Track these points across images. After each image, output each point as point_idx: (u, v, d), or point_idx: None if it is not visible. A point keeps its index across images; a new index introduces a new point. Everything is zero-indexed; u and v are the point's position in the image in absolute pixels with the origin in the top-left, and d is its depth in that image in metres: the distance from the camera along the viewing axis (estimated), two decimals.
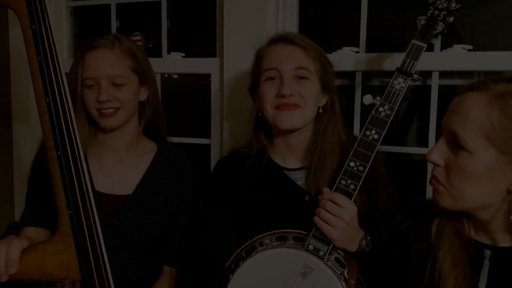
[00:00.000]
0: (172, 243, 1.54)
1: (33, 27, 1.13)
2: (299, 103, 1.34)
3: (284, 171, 1.43)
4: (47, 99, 1.11)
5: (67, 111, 1.13)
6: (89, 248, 1.12)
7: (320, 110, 1.41)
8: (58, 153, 1.11)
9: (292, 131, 1.38)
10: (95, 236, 1.13)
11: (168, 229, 1.54)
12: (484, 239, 1.05)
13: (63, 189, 1.10)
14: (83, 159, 1.15)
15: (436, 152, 1.01)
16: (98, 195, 1.46)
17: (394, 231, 1.15)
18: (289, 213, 1.37)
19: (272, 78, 1.37)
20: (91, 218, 1.13)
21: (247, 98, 1.51)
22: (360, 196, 1.31)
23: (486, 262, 1.03)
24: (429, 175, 1.63)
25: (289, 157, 1.44)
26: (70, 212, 1.10)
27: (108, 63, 1.43)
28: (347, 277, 1.24)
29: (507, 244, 1.02)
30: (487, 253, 1.03)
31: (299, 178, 1.42)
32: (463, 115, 0.97)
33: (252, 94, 1.48)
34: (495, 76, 1.01)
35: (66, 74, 1.42)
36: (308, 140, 1.42)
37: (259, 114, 1.43)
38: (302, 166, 1.43)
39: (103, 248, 1.13)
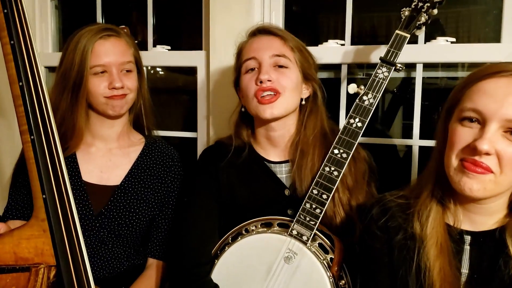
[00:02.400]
0: (158, 236, 1.54)
1: (5, 11, 1.12)
2: (278, 89, 1.34)
3: (266, 162, 1.43)
4: (20, 83, 1.10)
5: (41, 95, 1.12)
6: (64, 232, 1.10)
7: (303, 102, 1.42)
8: (32, 137, 1.10)
9: (274, 120, 1.38)
10: (70, 221, 1.12)
11: (155, 221, 1.54)
12: (465, 226, 1.06)
13: (37, 173, 1.09)
14: (58, 143, 1.14)
15: (488, 143, 0.94)
16: (86, 185, 1.47)
17: (373, 227, 1.14)
18: (269, 205, 1.38)
19: (252, 69, 1.37)
20: (66, 202, 1.12)
21: (233, 91, 1.51)
22: (344, 187, 1.34)
23: (467, 247, 1.05)
24: (414, 167, 1.67)
25: (271, 150, 1.45)
26: (44, 196, 1.09)
27: (119, 51, 1.45)
28: (330, 264, 1.25)
29: (485, 228, 1.04)
30: (467, 238, 1.05)
31: (281, 171, 1.43)
32: None
33: (236, 89, 1.49)
34: None
35: (60, 64, 1.43)
36: (291, 133, 1.43)
37: (243, 109, 1.44)
38: (287, 159, 1.43)
39: (80, 234, 1.12)
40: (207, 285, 1.32)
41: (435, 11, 1.31)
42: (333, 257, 1.26)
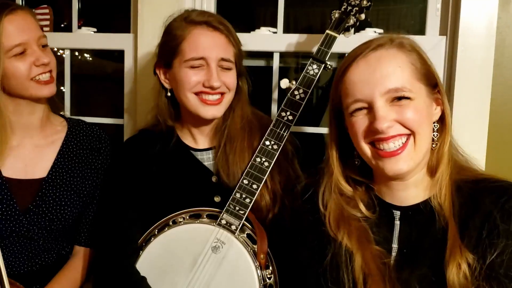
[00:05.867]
0: (85, 223, 1.47)
1: None
2: (224, 92, 1.34)
3: (191, 151, 1.41)
4: None
5: None
6: None
7: None
8: None
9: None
10: None
11: (85, 208, 1.47)
12: (393, 200, 1.09)
13: None
14: None
15: (383, 120, 1.01)
16: (8, 182, 1.36)
17: (300, 201, 1.17)
18: (196, 194, 1.36)
19: (197, 66, 1.32)
20: None
21: None
22: (273, 176, 1.35)
23: (397, 223, 1.08)
24: None
25: (198, 137, 1.43)
26: None
27: (35, 24, 1.37)
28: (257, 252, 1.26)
29: (412, 202, 1.08)
30: (397, 213, 1.08)
31: (208, 159, 1.41)
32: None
33: (158, 72, 1.41)
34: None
35: None
36: (217, 121, 1.41)
37: (169, 94, 1.39)
38: (211, 146, 1.42)
39: None
40: (134, 277, 1.28)
41: (363, 15, 1.39)
42: None
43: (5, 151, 1.37)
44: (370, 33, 1.65)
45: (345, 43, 1.60)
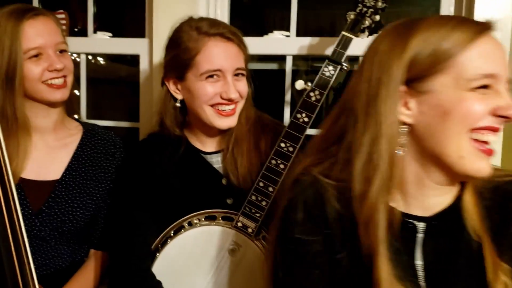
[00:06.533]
0: (101, 226, 1.49)
1: None
2: (238, 101, 1.34)
3: (201, 154, 1.41)
4: None
5: None
6: (8, 228, 1.04)
7: None
8: None
9: None
10: (14, 214, 1.05)
11: (99, 212, 1.48)
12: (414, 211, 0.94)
13: None
14: (1, 134, 1.06)
15: None
16: (22, 182, 1.37)
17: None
18: (209, 196, 1.36)
19: (211, 76, 1.30)
20: (10, 196, 1.05)
21: None
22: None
23: (419, 236, 0.92)
24: None
25: (206, 141, 1.43)
26: None
27: (52, 30, 1.38)
28: None
29: (438, 209, 0.93)
30: (420, 226, 0.92)
31: (217, 161, 1.41)
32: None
33: (165, 82, 1.39)
34: None
35: None
36: None
37: (178, 104, 1.38)
38: (219, 149, 1.42)
39: (23, 228, 1.05)
40: (150, 281, 1.29)
41: (378, 17, 1.39)
42: None
43: (27, 155, 1.39)
44: None
45: (356, 45, 1.63)
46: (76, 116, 1.60)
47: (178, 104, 1.38)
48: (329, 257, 0.93)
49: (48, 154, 1.44)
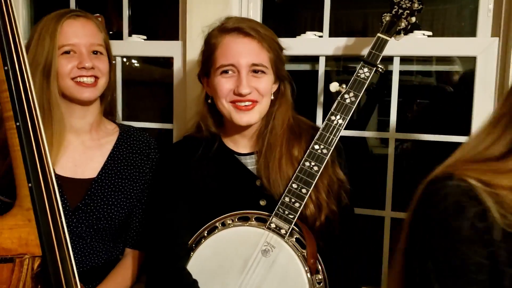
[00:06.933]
0: (135, 225, 1.52)
1: None
2: (256, 99, 1.33)
3: (235, 155, 1.42)
4: (6, 68, 1.07)
5: (26, 81, 1.08)
6: (50, 222, 1.08)
7: (272, 97, 1.41)
8: (17, 123, 1.06)
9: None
10: (56, 210, 1.09)
11: (134, 211, 1.51)
12: None
13: (22, 160, 1.06)
14: (43, 130, 1.10)
15: None
16: (59, 179, 1.40)
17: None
18: (242, 197, 1.37)
19: (226, 72, 1.33)
20: (52, 191, 1.09)
21: None
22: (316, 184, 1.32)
23: None
24: (390, 159, 1.68)
25: (240, 142, 1.43)
26: (30, 185, 1.06)
27: (90, 32, 1.42)
28: (306, 257, 1.26)
29: None
30: None
31: (250, 163, 1.42)
32: None
33: (201, 80, 1.45)
34: None
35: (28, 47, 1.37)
36: (259, 126, 1.42)
37: (209, 101, 1.41)
38: (253, 151, 1.43)
39: (64, 223, 1.10)
40: (186, 279, 1.30)
41: (413, 18, 1.38)
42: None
43: (61, 151, 1.42)
44: (419, 36, 1.62)
45: (391, 47, 1.61)
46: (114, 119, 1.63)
47: (209, 101, 1.41)
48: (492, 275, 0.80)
49: (85, 153, 1.48)
